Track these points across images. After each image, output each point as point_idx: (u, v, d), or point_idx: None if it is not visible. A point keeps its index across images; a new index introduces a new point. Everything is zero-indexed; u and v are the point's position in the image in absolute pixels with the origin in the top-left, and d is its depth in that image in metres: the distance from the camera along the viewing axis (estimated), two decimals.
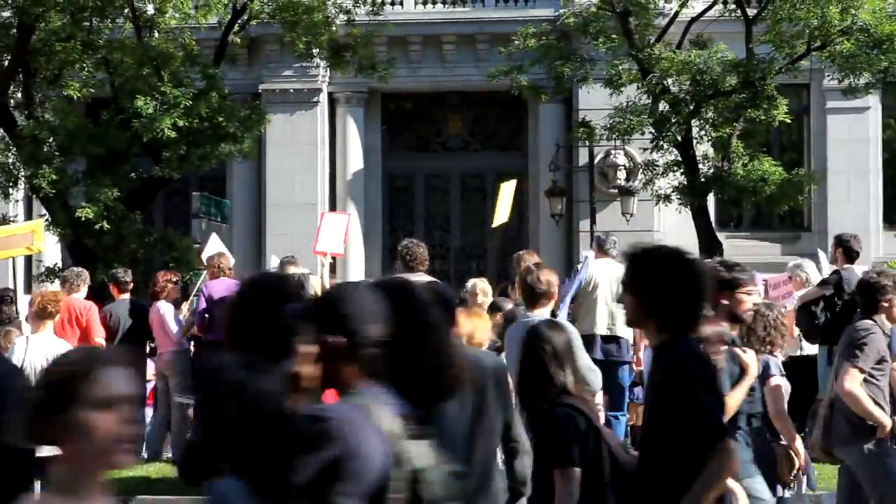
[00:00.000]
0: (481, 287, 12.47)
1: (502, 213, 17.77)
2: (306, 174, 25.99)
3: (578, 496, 5.78)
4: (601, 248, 13.57)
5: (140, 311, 14.22)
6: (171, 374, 14.08)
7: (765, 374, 7.64)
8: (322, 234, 15.06)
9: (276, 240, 22.89)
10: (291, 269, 13.68)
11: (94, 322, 13.50)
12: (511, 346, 9.03)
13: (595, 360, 10.64)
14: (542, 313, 9.07)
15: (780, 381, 7.98)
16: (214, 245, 16.54)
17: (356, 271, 24.26)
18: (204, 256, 15.83)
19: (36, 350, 10.02)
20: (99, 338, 13.54)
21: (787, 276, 14.54)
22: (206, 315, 14.27)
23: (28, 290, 19.41)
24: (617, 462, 5.94)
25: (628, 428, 13.16)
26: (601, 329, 12.69)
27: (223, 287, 14.32)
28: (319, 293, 13.19)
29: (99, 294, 14.76)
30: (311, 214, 22.57)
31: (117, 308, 14.27)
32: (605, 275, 12.81)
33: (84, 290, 13.89)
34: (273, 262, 17.27)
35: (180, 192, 23.43)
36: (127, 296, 14.56)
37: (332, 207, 25.60)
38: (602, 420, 8.73)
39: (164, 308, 14.16)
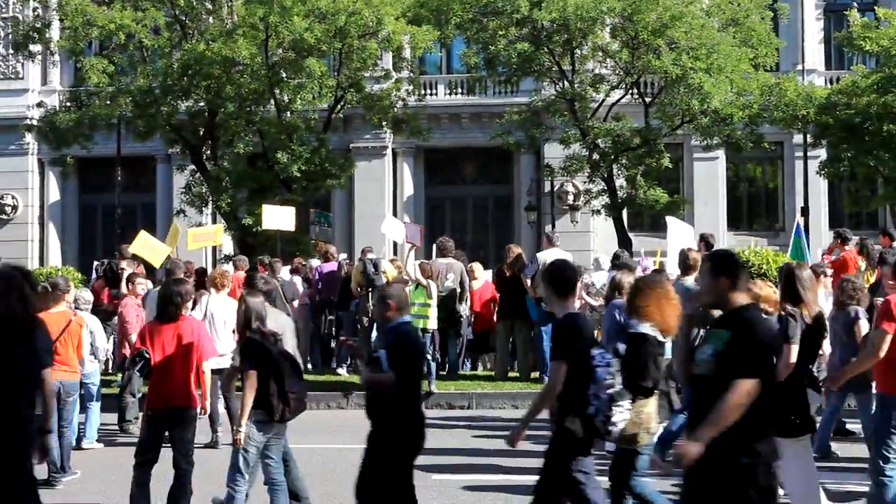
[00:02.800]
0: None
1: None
2: (378, 198, 26.11)
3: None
4: (550, 241, 12.63)
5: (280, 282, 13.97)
6: (299, 318, 14.01)
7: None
8: (408, 233, 14.54)
9: (360, 237, 22.95)
10: (369, 255, 13.15)
11: None
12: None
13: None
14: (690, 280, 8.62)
15: None
16: (390, 220, 15.65)
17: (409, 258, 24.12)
18: (382, 229, 14.97)
19: (214, 305, 10.04)
20: None
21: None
22: (319, 284, 14.39)
23: (213, 267, 19.61)
24: None
25: None
26: None
27: (329, 266, 14.50)
28: (390, 274, 12.96)
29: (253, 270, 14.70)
30: (381, 222, 22.63)
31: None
32: (552, 258, 12.50)
33: (246, 268, 13.66)
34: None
35: (303, 208, 23.48)
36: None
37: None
38: None
39: (296, 279, 14.24)
